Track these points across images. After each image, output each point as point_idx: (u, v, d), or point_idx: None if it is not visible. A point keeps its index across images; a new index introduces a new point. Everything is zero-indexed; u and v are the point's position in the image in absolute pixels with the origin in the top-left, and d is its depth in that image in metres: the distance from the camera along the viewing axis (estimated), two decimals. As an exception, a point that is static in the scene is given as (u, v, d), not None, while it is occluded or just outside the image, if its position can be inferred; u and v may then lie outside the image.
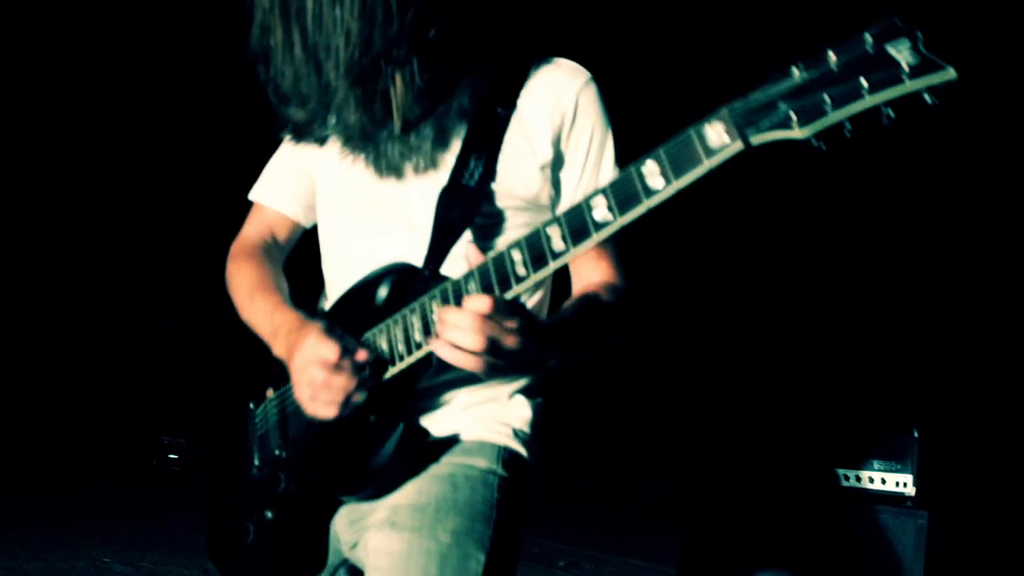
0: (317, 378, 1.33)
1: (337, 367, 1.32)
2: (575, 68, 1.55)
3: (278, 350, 1.48)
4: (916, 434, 3.27)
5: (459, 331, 1.21)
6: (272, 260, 1.70)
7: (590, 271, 1.56)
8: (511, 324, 1.22)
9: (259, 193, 1.76)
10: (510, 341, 1.22)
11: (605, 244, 1.55)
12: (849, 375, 3.67)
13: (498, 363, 1.23)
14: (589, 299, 1.51)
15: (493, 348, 1.21)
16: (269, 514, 1.49)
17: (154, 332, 7.47)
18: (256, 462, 1.56)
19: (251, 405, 1.62)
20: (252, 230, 1.75)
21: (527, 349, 1.25)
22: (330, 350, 1.32)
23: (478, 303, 1.21)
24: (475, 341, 1.20)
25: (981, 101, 3.23)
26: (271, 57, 1.37)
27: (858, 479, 3.38)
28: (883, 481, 3.34)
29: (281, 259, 1.74)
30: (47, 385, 7.43)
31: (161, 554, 4.59)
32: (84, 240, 6.49)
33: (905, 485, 3.30)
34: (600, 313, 1.49)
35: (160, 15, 4.08)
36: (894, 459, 3.33)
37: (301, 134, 1.44)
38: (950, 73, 1.04)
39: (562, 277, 1.62)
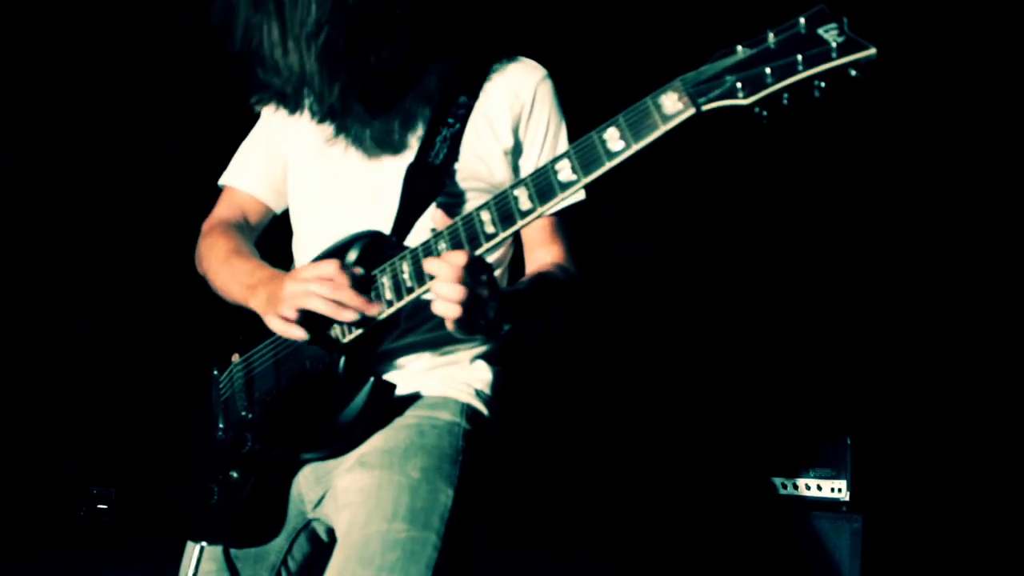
0: (317, 287, 1.38)
1: (340, 272, 1.39)
2: (533, 65, 1.70)
3: (256, 302, 1.52)
4: (849, 441, 3.44)
5: (442, 280, 1.29)
6: (243, 233, 1.77)
7: (543, 253, 1.67)
8: (484, 278, 1.31)
9: (230, 177, 1.83)
10: (484, 294, 1.31)
11: (557, 229, 1.67)
12: (782, 383, 3.83)
13: (472, 314, 1.31)
14: (542, 276, 1.62)
15: (471, 298, 1.30)
16: (234, 474, 1.54)
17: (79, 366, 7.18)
18: (221, 425, 1.60)
19: (215, 372, 1.67)
20: (224, 211, 1.82)
21: (494, 306, 1.34)
22: (328, 265, 1.39)
23: (456, 256, 1.30)
24: (456, 291, 1.28)
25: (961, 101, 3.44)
26: (252, 36, 1.48)
27: (795, 487, 3.51)
28: (819, 488, 3.48)
29: (253, 238, 1.80)
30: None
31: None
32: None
33: (840, 491, 3.45)
34: (552, 290, 1.60)
35: (160, 15, 4.10)
36: (828, 466, 3.48)
37: (278, 103, 1.53)
38: (871, 51, 1.20)
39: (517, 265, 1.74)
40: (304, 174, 1.69)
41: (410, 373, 1.58)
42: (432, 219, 1.39)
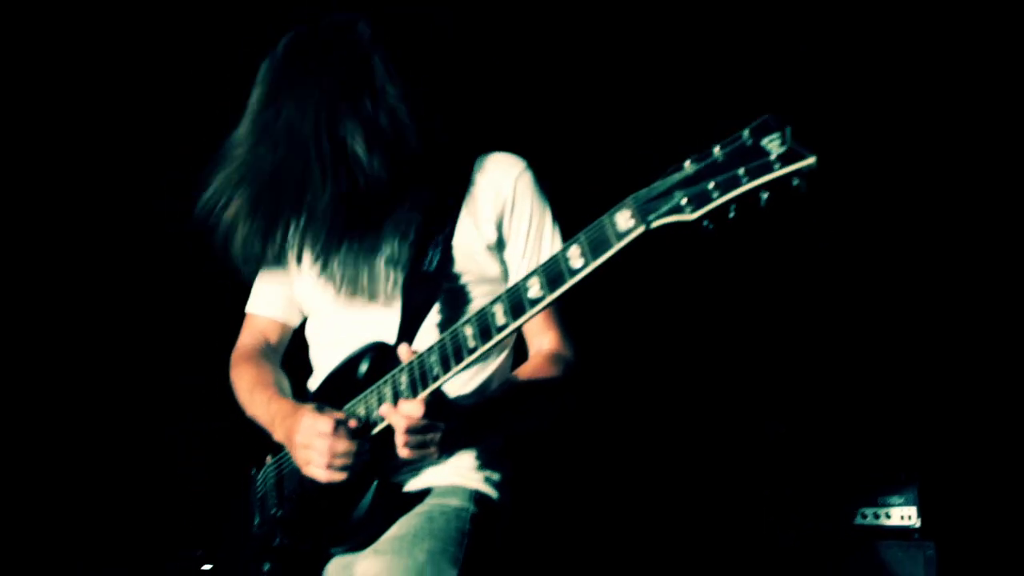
0: (321, 448, 1.53)
1: (335, 435, 1.53)
2: (512, 159, 1.79)
3: (278, 435, 1.70)
4: (917, 468, 3.38)
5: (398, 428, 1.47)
6: (268, 359, 1.93)
7: (540, 340, 1.78)
8: (436, 427, 1.48)
9: (251, 305, 2.01)
10: (432, 438, 1.49)
11: (552, 315, 1.77)
12: (851, 411, 3.78)
13: (428, 452, 1.50)
14: (525, 376, 1.72)
15: (420, 443, 1.48)
16: (266, 566, 1.68)
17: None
18: (256, 520, 1.76)
19: (252, 471, 1.84)
20: (247, 339, 1.99)
21: (454, 437, 1.52)
22: (325, 423, 1.54)
23: (406, 408, 1.46)
24: (402, 440, 1.47)
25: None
26: (228, 226, 1.68)
27: (863, 516, 3.48)
28: (887, 516, 3.44)
29: (277, 359, 1.97)
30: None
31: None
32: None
33: (910, 518, 3.39)
34: (539, 387, 1.69)
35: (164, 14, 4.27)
36: (898, 493, 3.43)
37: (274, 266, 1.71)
38: (811, 160, 1.24)
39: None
40: (310, 294, 1.83)
41: (424, 467, 1.69)
42: (400, 355, 1.53)
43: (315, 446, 1.54)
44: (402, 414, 1.45)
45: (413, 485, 1.68)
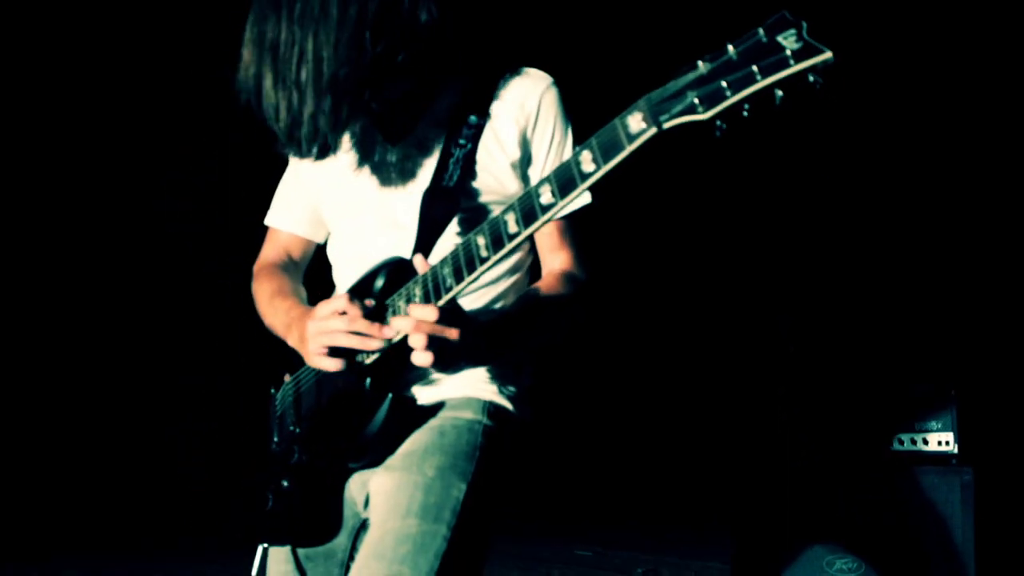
0: (335, 326, 1.53)
1: (350, 304, 1.53)
2: (539, 75, 1.75)
3: (292, 340, 1.70)
4: (954, 392, 3.33)
5: (409, 331, 1.45)
6: (288, 273, 1.94)
7: (552, 259, 1.76)
8: (451, 332, 1.45)
9: (272, 218, 1.99)
10: (451, 341, 1.46)
11: (566, 234, 1.75)
12: (885, 339, 3.73)
13: (445, 358, 1.47)
14: (537, 293, 1.70)
15: (436, 346, 1.45)
16: (285, 483, 1.71)
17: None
18: (275, 438, 1.79)
19: (272, 390, 1.87)
20: (270, 252, 1.99)
21: (469, 348, 1.49)
22: (340, 300, 1.55)
23: (418, 311, 1.44)
24: (417, 340, 1.44)
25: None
26: (260, 91, 1.59)
27: (900, 442, 3.45)
28: (925, 442, 3.40)
29: (299, 275, 1.98)
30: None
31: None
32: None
33: (948, 444, 3.36)
34: (549, 305, 1.68)
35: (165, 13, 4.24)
36: (934, 419, 3.39)
37: (298, 153, 1.64)
38: (828, 55, 1.19)
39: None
40: (332, 207, 1.83)
41: (438, 380, 1.69)
42: (416, 266, 1.52)
43: (329, 326, 1.53)
44: (415, 317, 1.44)
45: (427, 399, 1.68)
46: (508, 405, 1.71)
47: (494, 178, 1.70)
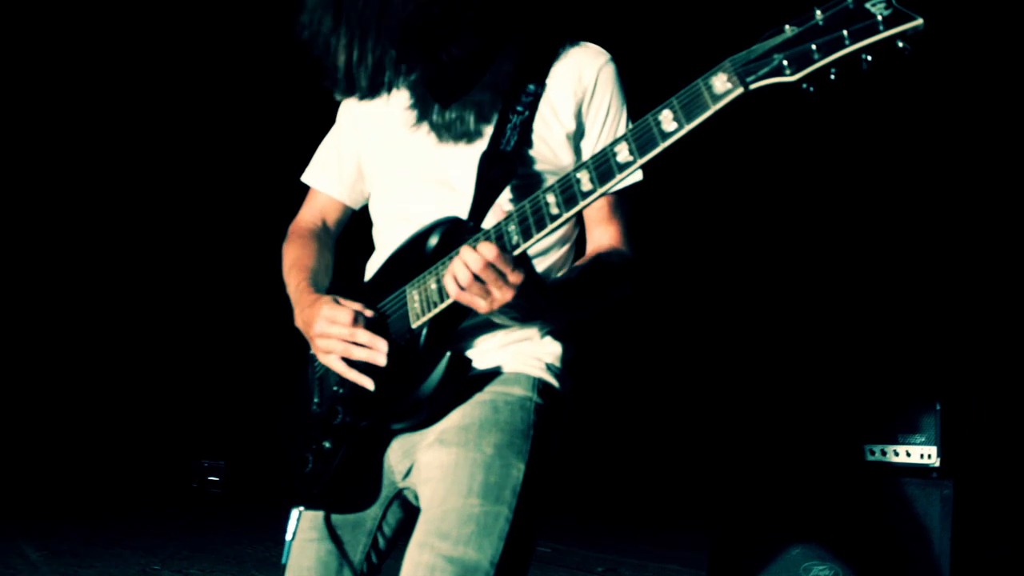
0: (339, 334, 1.56)
1: (353, 325, 1.56)
2: (597, 50, 1.76)
3: (297, 321, 1.73)
4: (938, 406, 3.38)
5: (459, 266, 1.42)
6: (318, 240, 1.92)
7: (601, 234, 1.75)
8: (513, 276, 1.42)
9: (311, 177, 1.96)
10: (506, 287, 1.42)
11: (616, 211, 1.75)
12: (870, 349, 3.77)
13: (507, 304, 1.43)
14: (595, 262, 1.70)
15: (487, 289, 1.41)
16: (327, 444, 1.67)
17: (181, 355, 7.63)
18: (316, 399, 1.74)
19: (310, 352, 1.81)
20: (306, 214, 1.97)
21: (524, 299, 1.45)
22: (344, 313, 1.56)
23: (485, 249, 1.41)
24: (464, 276, 1.41)
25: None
26: (325, 27, 1.58)
27: (883, 453, 3.48)
28: (907, 454, 3.44)
29: (330, 240, 1.96)
30: (76, 416, 7.62)
31: (208, 562, 4.78)
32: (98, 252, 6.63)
33: (929, 456, 3.40)
34: (604, 275, 1.68)
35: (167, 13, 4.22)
36: (917, 431, 3.43)
37: (351, 91, 1.62)
38: (918, 21, 1.22)
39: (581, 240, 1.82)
40: (378, 164, 1.80)
41: (485, 350, 1.67)
42: (499, 208, 1.51)
43: (333, 334, 1.57)
44: (483, 255, 1.40)
45: (481, 363, 1.65)
46: (555, 382, 1.69)
47: (548, 148, 1.70)
